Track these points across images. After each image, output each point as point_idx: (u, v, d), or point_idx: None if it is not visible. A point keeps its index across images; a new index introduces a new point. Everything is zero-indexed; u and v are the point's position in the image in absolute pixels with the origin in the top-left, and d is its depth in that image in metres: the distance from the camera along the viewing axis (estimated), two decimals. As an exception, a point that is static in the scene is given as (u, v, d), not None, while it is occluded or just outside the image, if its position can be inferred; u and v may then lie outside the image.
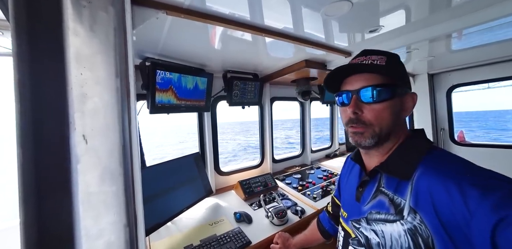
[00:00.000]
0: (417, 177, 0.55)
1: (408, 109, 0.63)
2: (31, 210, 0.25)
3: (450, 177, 0.49)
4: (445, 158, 0.56)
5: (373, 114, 0.60)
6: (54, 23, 0.27)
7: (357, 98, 0.62)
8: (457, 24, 0.98)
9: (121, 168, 0.32)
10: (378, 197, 0.63)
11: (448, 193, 0.47)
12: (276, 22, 0.93)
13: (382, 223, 0.60)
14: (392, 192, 0.59)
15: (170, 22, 0.84)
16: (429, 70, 2.28)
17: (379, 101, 0.59)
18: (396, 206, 0.57)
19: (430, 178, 0.52)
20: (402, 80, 0.63)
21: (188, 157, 1.57)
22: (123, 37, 0.35)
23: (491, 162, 2.11)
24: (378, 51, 0.65)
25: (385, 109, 0.59)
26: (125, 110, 0.33)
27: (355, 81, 0.63)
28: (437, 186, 0.50)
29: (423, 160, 0.56)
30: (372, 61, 0.62)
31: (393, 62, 0.63)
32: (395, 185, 0.59)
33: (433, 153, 0.58)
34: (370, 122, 0.60)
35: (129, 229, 0.31)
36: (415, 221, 0.52)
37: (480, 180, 0.46)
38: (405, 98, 0.63)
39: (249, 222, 1.39)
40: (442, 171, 0.51)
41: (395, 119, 0.61)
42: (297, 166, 2.49)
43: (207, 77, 1.57)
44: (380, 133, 0.60)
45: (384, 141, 0.62)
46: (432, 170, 0.53)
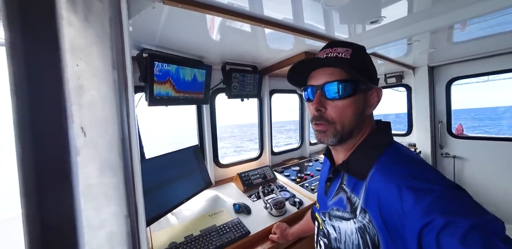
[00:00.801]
0: (370, 177, 0.56)
1: (373, 105, 0.62)
2: (32, 202, 0.25)
3: (393, 180, 0.50)
4: (397, 158, 0.57)
5: (336, 111, 0.59)
6: (47, 12, 0.26)
7: (321, 94, 0.60)
8: (460, 15, 0.96)
9: (121, 160, 0.32)
10: (339, 194, 0.65)
11: (390, 195, 0.49)
12: (276, 12, 0.90)
13: (339, 220, 0.62)
14: (350, 191, 0.61)
15: (167, 12, 0.81)
16: (430, 63, 2.27)
17: (343, 97, 0.58)
18: (351, 205, 0.59)
19: (379, 179, 0.53)
20: (368, 74, 0.61)
21: (187, 149, 1.58)
22: (119, 27, 0.34)
23: (488, 155, 2.14)
24: (344, 43, 0.62)
25: (349, 106, 0.58)
26: (123, 102, 0.33)
27: (319, 76, 0.61)
28: (382, 187, 0.51)
29: (378, 159, 0.57)
30: (337, 54, 0.60)
31: (358, 55, 0.61)
32: (353, 183, 0.60)
33: (388, 151, 0.58)
34: (333, 120, 0.60)
35: (130, 219, 0.32)
36: (365, 220, 0.54)
37: (417, 183, 0.47)
38: (370, 94, 0.62)
39: (248, 213, 1.42)
40: (389, 173, 0.53)
41: (359, 116, 0.60)
42: (296, 158, 2.52)
43: (206, 69, 1.55)
44: (342, 131, 0.60)
45: (348, 138, 0.62)
46: (382, 170, 0.54)
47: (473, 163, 2.26)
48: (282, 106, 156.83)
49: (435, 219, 0.40)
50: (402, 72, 2.55)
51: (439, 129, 2.41)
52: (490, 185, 2.14)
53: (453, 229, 0.38)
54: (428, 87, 2.34)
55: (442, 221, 0.39)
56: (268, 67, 1.88)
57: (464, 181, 2.32)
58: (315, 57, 0.62)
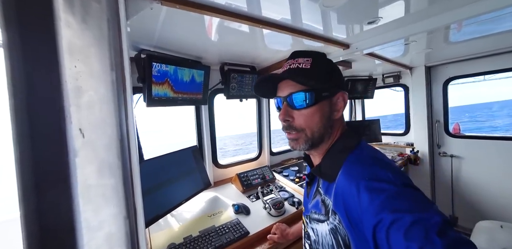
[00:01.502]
0: (338, 179, 0.58)
1: (340, 109, 0.65)
2: (31, 204, 0.25)
3: (353, 180, 0.52)
4: (360, 159, 0.59)
5: (302, 119, 0.62)
6: (45, 13, 0.26)
7: (287, 104, 0.64)
8: (456, 15, 0.97)
9: (119, 161, 0.32)
10: (316, 197, 0.67)
11: (351, 195, 0.51)
12: (274, 13, 0.91)
13: (317, 222, 0.64)
14: (324, 193, 0.63)
15: (165, 12, 0.82)
16: (427, 63, 2.28)
17: (307, 107, 0.61)
18: (325, 207, 0.61)
19: (343, 181, 0.55)
20: (331, 81, 0.63)
21: (186, 150, 1.57)
22: (117, 28, 0.34)
23: (485, 153, 2.15)
24: (305, 53, 0.65)
25: (314, 113, 0.61)
26: (121, 104, 0.33)
27: (284, 87, 0.65)
28: (346, 188, 0.54)
29: (345, 161, 0.59)
30: (298, 65, 0.62)
31: (319, 63, 0.63)
32: (326, 186, 0.63)
33: (354, 153, 0.60)
34: (301, 128, 0.63)
35: (129, 221, 0.32)
36: (335, 221, 0.56)
37: (372, 183, 0.49)
38: (335, 98, 0.64)
39: (247, 214, 1.42)
40: (351, 174, 0.55)
41: (326, 122, 0.63)
42: (295, 158, 2.52)
43: (204, 70, 1.55)
44: (312, 137, 0.63)
45: (319, 143, 0.64)
46: (347, 171, 0.57)
47: (470, 162, 2.27)
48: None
49: (385, 217, 0.43)
50: (400, 72, 2.56)
51: (437, 128, 2.42)
52: (487, 183, 2.16)
53: (399, 225, 0.41)
54: (425, 86, 2.35)
55: (390, 218, 0.42)
56: (266, 67, 1.88)
57: (461, 180, 2.34)
58: (273, 74, 0.67)
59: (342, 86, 0.67)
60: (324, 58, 0.66)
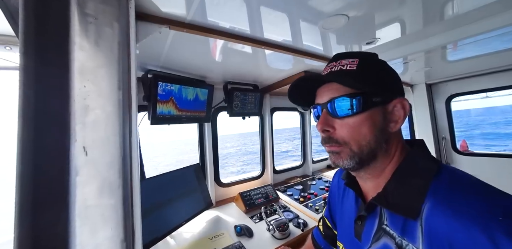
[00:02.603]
0: (426, 214, 0.41)
1: (398, 119, 0.50)
2: (26, 224, 0.25)
3: (474, 220, 0.35)
4: (460, 183, 0.43)
5: (346, 130, 0.50)
6: (61, 38, 0.28)
7: (327, 112, 0.53)
8: (451, 36, 1.01)
9: (120, 180, 0.31)
10: (382, 239, 0.49)
11: (473, 244, 0.34)
12: (275, 35, 0.95)
13: None
14: (398, 234, 0.46)
15: (173, 35, 0.86)
16: (427, 80, 2.32)
17: (352, 115, 0.49)
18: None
19: (445, 218, 0.38)
20: (383, 84, 0.51)
21: (188, 168, 1.55)
22: (127, 51, 0.36)
23: (496, 172, 2.07)
24: (350, 54, 0.55)
25: (361, 123, 0.49)
26: (126, 122, 0.34)
27: (323, 93, 0.54)
28: (456, 232, 0.36)
29: (430, 188, 0.43)
30: (341, 67, 0.52)
31: (368, 64, 0.52)
32: (402, 223, 0.45)
33: (442, 176, 0.45)
34: (344, 141, 0.50)
35: (126, 244, 0.30)
36: None
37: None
38: (390, 107, 0.51)
39: (250, 236, 1.35)
40: (460, 209, 0.38)
41: (379, 134, 0.49)
42: (299, 177, 2.46)
43: (208, 88, 1.59)
44: (360, 152, 0.49)
45: (370, 162, 0.51)
46: (446, 206, 0.40)
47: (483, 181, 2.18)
48: (283, 115, 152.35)
49: None
50: (401, 90, 2.59)
51: (444, 145, 2.37)
52: None
53: None
54: (428, 104, 2.36)
55: None
56: (269, 86, 1.93)
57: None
58: (311, 75, 0.56)
59: (400, 92, 0.54)
60: (374, 58, 0.55)
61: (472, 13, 0.85)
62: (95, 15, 0.31)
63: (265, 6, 0.73)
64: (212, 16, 0.77)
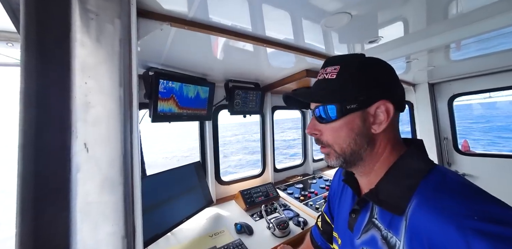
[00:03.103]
0: (411, 211, 0.45)
1: (383, 120, 0.52)
2: (28, 220, 0.25)
3: (451, 219, 0.38)
4: (447, 186, 0.45)
5: (329, 134, 0.56)
6: (62, 35, 0.28)
7: (315, 117, 0.59)
8: (454, 36, 1.00)
9: (121, 177, 0.31)
10: (370, 231, 0.54)
11: (447, 239, 0.38)
12: (277, 33, 0.95)
13: None
14: (385, 227, 0.50)
15: (174, 33, 0.86)
16: (430, 80, 2.30)
17: (332, 121, 0.54)
18: (390, 247, 0.48)
19: (427, 217, 0.42)
20: (361, 90, 0.52)
21: (189, 166, 1.56)
22: (128, 48, 0.36)
23: (498, 172, 2.07)
24: (334, 60, 0.57)
25: (340, 128, 0.54)
26: (127, 119, 0.34)
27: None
28: (433, 228, 0.40)
29: (418, 188, 0.46)
30: (325, 75, 0.57)
31: (347, 71, 0.54)
32: (389, 218, 0.50)
33: (432, 177, 0.47)
34: (328, 143, 0.56)
35: (127, 240, 0.30)
36: None
37: (490, 226, 0.35)
38: (372, 109, 0.53)
39: (250, 234, 1.36)
40: (441, 208, 0.41)
41: (358, 137, 0.53)
42: (299, 175, 2.46)
43: (209, 86, 1.59)
44: (343, 153, 0.55)
45: (356, 161, 0.55)
46: (429, 203, 0.43)
47: (483, 181, 2.18)
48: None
49: None
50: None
51: (445, 146, 2.36)
52: None
53: None
54: (430, 103, 2.34)
55: None
56: (270, 84, 1.92)
57: (476, 200, 2.20)
58: (289, 94, 0.64)
59: (386, 92, 0.53)
60: (355, 63, 0.55)
61: (476, 12, 0.84)
62: (97, 12, 0.31)
63: (267, 3, 0.72)
64: (214, 14, 0.77)
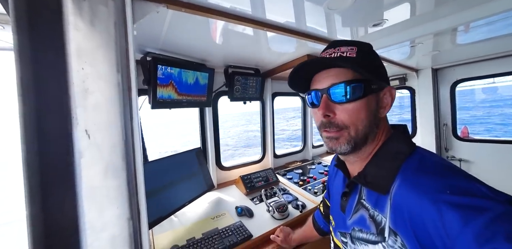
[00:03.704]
0: (395, 190, 0.48)
1: (387, 106, 0.56)
2: (37, 203, 0.26)
3: (427, 194, 0.42)
4: (425, 166, 0.48)
5: (347, 115, 0.53)
6: (55, 17, 0.27)
7: (327, 98, 0.55)
8: (463, 17, 0.96)
9: (124, 163, 0.32)
10: (359, 211, 0.57)
11: (424, 212, 0.41)
12: (278, 16, 0.91)
13: (365, 243, 0.54)
14: (372, 207, 0.54)
15: (171, 16, 0.83)
16: (433, 65, 2.25)
17: (352, 100, 0.52)
18: (377, 225, 0.51)
19: (407, 193, 0.46)
20: (377, 73, 0.55)
21: (190, 152, 1.58)
22: (124, 31, 0.35)
23: (495, 158, 2.10)
24: (348, 41, 0.57)
25: (360, 109, 0.52)
26: (126, 105, 0.34)
27: (323, 78, 0.56)
28: (412, 204, 0.44)
29: (401, 169, 0.50)
30: (341, 53, 0.54)
31: (365, 53, 0.55)
32: (375, 198, 0.53)
33: (412, 158, 0.51)
34: (345, 125, 0.53)
35: (132, 222, 0.32)
36: (397, 245, 0.47)
37: (460, 199, 0.39)
38: (381, 94, 0.55)
39: (251, 216, 1.41)
40: (419, 185, 0.45)
41: (372, 119, 0.54)
42: (298, 161, 2.50)
43: (208, 72, 1.56)
44: (356, 136, 0.54)
45: (362, 145, 0.55)
46: (409, 182, 0.47)
47: (480, 166, 2.22)
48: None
49: (501, 247, 0.32)
50: (406, 75, 2.53)
51: (444, 131, 2.38)
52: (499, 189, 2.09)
53: None
54: (432, 89, 2.32)
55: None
56: (270, 70, 1.89)
57: (470, 185, 2.26)
58: (318, 57, 0.57)
59: (387, 81, 0.58)
60: (370, 48, 0.58)
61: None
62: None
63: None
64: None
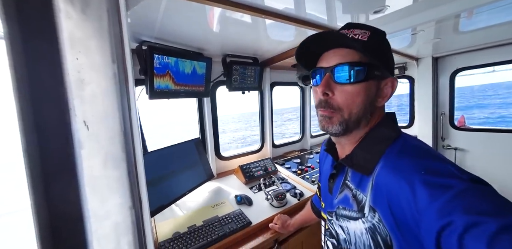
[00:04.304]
0: (377, 172, 0.52)
1: (386, 96, 0.57)
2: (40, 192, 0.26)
3: (404, 174, 0.46)
4: (407, 150, 0.52)
5: (344, 97, 0.55)
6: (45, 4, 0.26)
7: (330, 76, 0.56)
8: (467, 3, 0.93)
9: (123, 153, 0.32)
10: (344, 192, 0.61)
11: (401, 191, 0.45)
12: (277, 2, 0.88)
13: (347, 220, 0.59)
14: (355, 187, 0.57)
15: (166, 2, 0.80)
16: (434, 53, 2.22)
17: (353, 82, 0.53)
18: (358, 203, 0.55)
19: (387, 174, 0.49)
20: (384, 61, 0.56)
21: (189, 142, 1.59)
22: (117, 19, 0.34)
23: (489, 146, 2.14)
24: (363, 25, 0.57)
25: (358, 92, 0.54)
26: (124, 96, 0.33)
27: (330, 57, 0.57)
28: (392, 183, 0.47)
29: (385, 153, 0.53)
30: (353, 36, 0.54)
31: (377, 39, 0.55)
32: (358, 179, 0.57)
33: (396, 144, 0.54)
34: (339, 107, 0.55)
35: (134, 210, 0.33)
36: (374, 220, 0.51)
37: (432, 178, 0.42)
38: (384, 83, 0.56)
39: (250, 204, 1.45)
40: (398, 166, 0.48)
41: (368, 106, 0.55)
42: (297, 151, 2.53)
43: (206, 62, 1.53)
44: (349, 119, 0.55)
45: (353, 129, 0.57)
46: (391, 164, 0.50)
47: (474, 155, 2.26)
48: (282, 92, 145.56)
49: (456, 219, 0.36)
50: (405, 64, 2.51)
51: (441, 121, 2.39)
52: (491, 176, 2.15)
53: (478, 231, 0.33)
54: (431, 78, 2.30)
55: (464, 222, 0.35)
56: (269, 59, 1.85)
57: (464, 173, 2.31)
58: (328, 31, 0.57)
59: (392, 72, 0.59)
60: (383, 35, 0.58)
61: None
62: (79, -23, 0.28)
63: (266, -33, 0.66)
64: (208, -21, 0.70)
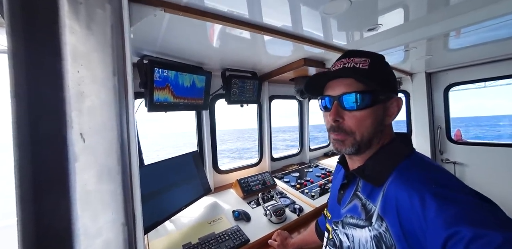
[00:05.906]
0: (388, 183, 0.54)
1: (393, 114, 0.61)
2: (28, 208, 0.25)
3: (416, 186, 0.48)
4: (419, 165, 0.55)
5: (354, 121, 0.58)
6: (50, 20, 0.27)
7: (338, 104, 0.60)
8: (455, 23, 0.98)
9: (119, 167, 0.32)
10: (353, 201, 0.63)
11: (410, 201, 0.47)
12: (275, 20, 0.92)
13: (353, 227, 0.60)
14: (365, 197, 0.60)
15: (168, 19, 0.83)
16: (427, 69, 2.29)
17: (360, 108, 0.57)
18: (367, 212, 0.57)
19: (399, 186, 0.51)
20: (386, 85, 0.60)
21: (187, 155, 1.57)
22: (121, 34, 0.35)
23: (488, 160, 2.13)
24: (362, 53, 0.62)
25: (367, 117, 0.58)
26: (123, 109, 0.33)
27: (337, 86, 0.61)
28: (402, 194, 0.49)
29: (398, 167, 0.56)
30: (354, 64, 0.59)
31: (377, 65, 0.60)
32: (369, 190, 0.59)
33: (409, 159, 0.57)
34: (351, 130, 0.59)
35: (127, 227, 0.31)
36: (381, 229, 0.52)
37: (442, 191, 0.45)
38: (389, 103, 0.60)
39: (248, 220, 1.40)
40: (410, 179, 0.51)
41: (377, 126, 0.59)
42: (296, 164, 2.50)
43: (205, 75, 1.56)
44: (361, 141, 0.59)
45: (366, 148, 0.61)
46: (402, 177, 0.53)
47: (473, 169, 2.25)
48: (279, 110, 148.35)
49: (462, 230, 0.37)
50: (400, 78, 2.57)
51: (439, 135, 2.41)
52: (491, 191, 2.12)
53: (484, 243, 0.35)
54: (426, 93, 2.35)
55: (470, 233, 0.36)
56: (267, 73, 1.90)
57: (465, 187, 2.29)
58: (332, 71, 0.62)
59: (396, 92, 0.64)
60: (382, 60, 0.63)
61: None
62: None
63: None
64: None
